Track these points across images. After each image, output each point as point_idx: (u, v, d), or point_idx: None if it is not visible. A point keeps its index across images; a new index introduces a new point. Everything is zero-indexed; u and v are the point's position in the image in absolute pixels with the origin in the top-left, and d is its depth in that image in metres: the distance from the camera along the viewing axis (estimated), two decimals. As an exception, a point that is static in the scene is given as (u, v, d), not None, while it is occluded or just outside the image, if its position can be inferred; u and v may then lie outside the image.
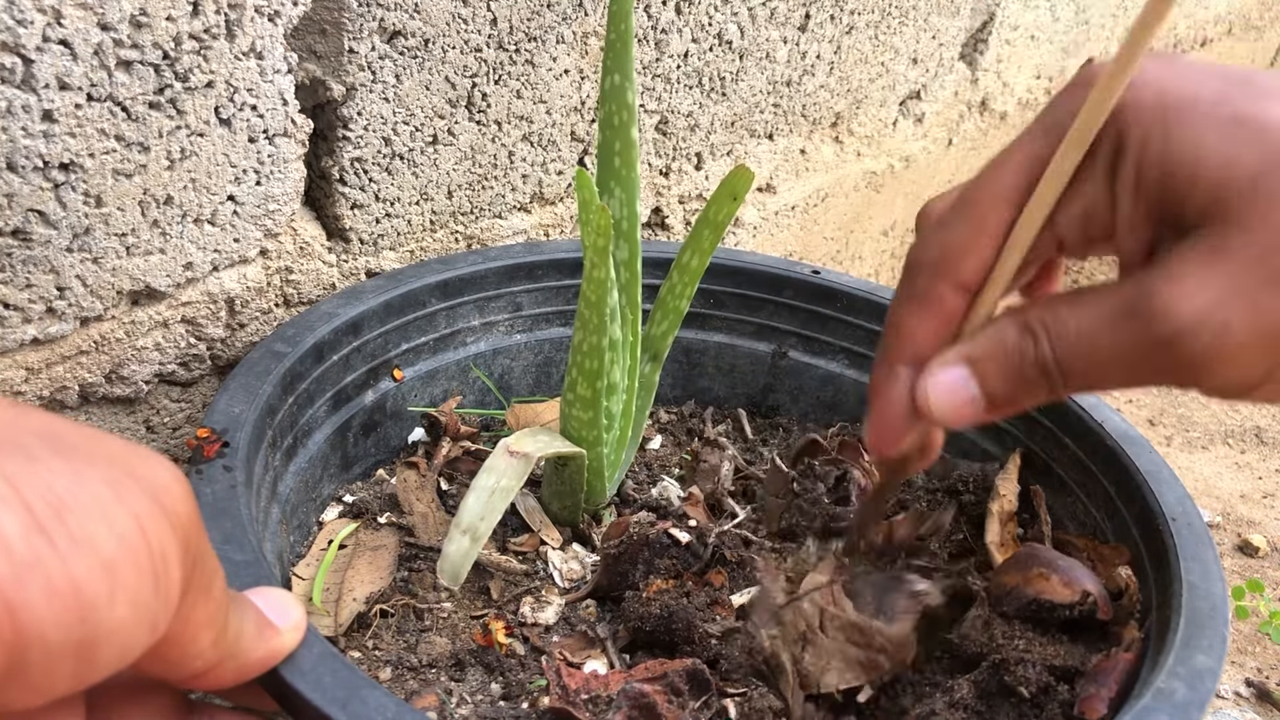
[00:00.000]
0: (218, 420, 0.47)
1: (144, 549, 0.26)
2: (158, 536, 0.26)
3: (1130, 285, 0.31)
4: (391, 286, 0.59)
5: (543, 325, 0.68)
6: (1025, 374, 0.33)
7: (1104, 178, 0.32)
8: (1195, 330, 0.29)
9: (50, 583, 0.23)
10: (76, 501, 0.24)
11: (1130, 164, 0.31)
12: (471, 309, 0.64)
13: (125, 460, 0.27)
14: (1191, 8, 1.59)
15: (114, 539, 0.25)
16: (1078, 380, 0.33)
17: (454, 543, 0.49)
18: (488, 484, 0.49)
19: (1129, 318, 0.31)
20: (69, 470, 0.25)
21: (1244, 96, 0.30)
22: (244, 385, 0.49)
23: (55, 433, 0.26)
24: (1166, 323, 0.30)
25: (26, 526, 0.23)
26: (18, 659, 0.23)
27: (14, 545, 0.23)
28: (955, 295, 0.35)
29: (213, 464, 0.44)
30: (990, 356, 0.34)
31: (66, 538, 0.24)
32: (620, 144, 0.54)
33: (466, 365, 0.65)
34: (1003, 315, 0.34)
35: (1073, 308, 0.32)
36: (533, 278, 0.66)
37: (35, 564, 0.23)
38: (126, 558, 0.25)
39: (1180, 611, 0.45)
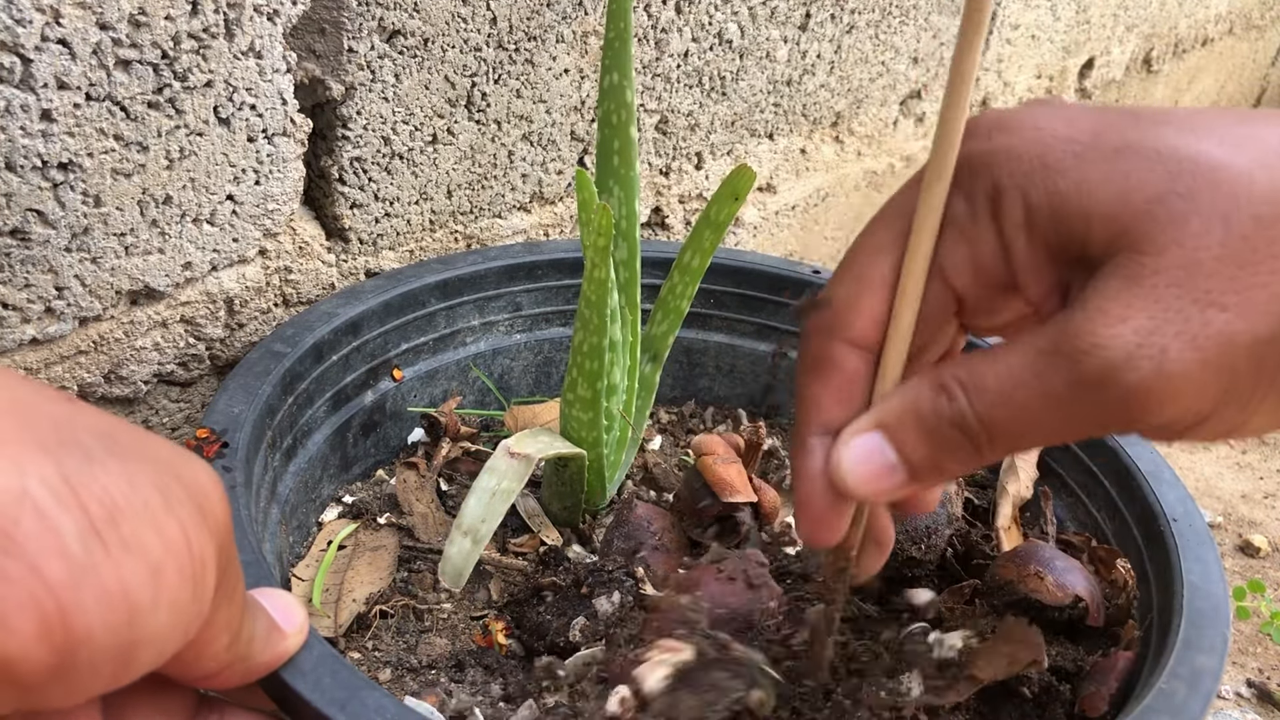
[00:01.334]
0: (217, 420, 0.47)
1: (187, 556, 0.26)
2: (199, 544, 0.27)
3: (1050, 327, 0.29)
4: (391, 286, 0.59)
5: (542, 325, 0.68)
6: (945, 435, 0.31)
7: (989, 223, 0.31)
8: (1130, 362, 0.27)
9: (103, 586, 0.24)
10: (130, 506, 0.25)
11: (1016, 208, 0.30)
12: (471, 309, 0.64)
13: (173, 464, 0.27)
14: (1192, 7, 1.59)
15: (161, 544, 0.25)
16: (1005, 437, 0.30)
17: (455, 544, 0.49)
18: (489, 485, 0.49)
19: (1054, 360, 0.28)
20: (124, 473, 0.25)
21: (1126, 126, 0.29)
22: (243, 385, 0.49)
23: (110, 432, 0.26)
24: (1096, 357, 0.28)
25: (82, 529, 0.24)
26: (67, 661, 0.24)
27: (70, 548, 0.23)
28: (852, 356, 0.33)
29: (212, 464, 0.44)
30: (904, 419, 0.31)
31: (119, 542, 0.24)
32: (619, 143, 0.54)
33: (466, 365, 0.65)
34: (915, 376, 0.32)
35: (990, 360, 0.30)
36: (532, 277, 0.65)
37: (89, 568, 0.24)
38: (171, 563, 0.25)
39: (1181, 612, 0.44)
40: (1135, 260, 0.28)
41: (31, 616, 0.23)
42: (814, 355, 0.33)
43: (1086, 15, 1.32)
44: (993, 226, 0.31)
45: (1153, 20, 1.50)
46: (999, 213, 0.30)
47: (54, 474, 0.24)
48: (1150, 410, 0.28)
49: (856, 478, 0.32)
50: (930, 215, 0.31)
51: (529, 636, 0.49)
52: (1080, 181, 0.29)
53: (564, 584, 0.50)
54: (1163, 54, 1.60)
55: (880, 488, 0.32)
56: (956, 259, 0.31)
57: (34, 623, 0.23)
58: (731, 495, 0.53)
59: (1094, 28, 1.36)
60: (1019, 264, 0.31)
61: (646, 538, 0.54)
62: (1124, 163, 0.28)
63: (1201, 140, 0.28)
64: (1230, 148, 0.28)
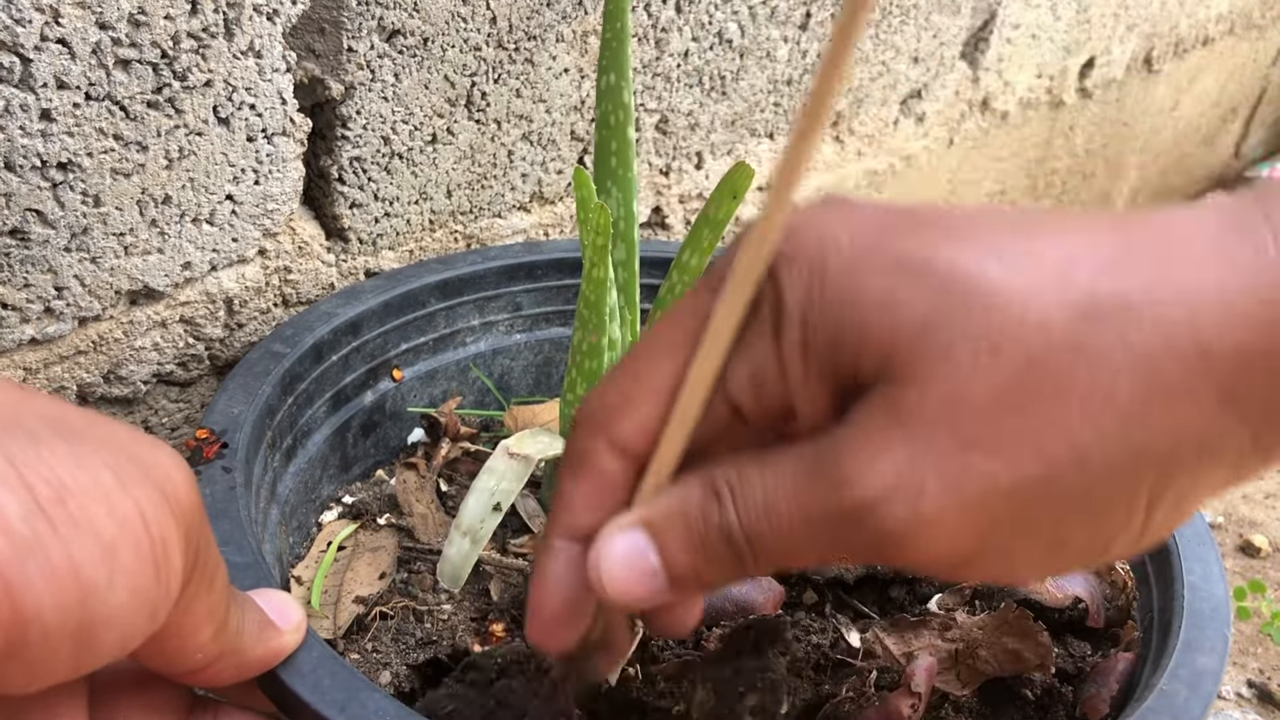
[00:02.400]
0: (216, 421, 0.47)
1: (144, 535, 0.26)
2: (159, 524, 0.26)
3: (813, 447, 0.27)
4: (390, 286, 0.59)
5: (542, 325, 0.68)
6: (711, 545, 0.28)
7: (770, 339, 0.28)
8: (887, 499, 0.25)
9: (50, 564, 0.24)
10: (78, 485, 0.25)
11: (794, 323, 0.27)
12: (471, 309, 0.64)
13: (129, 446, 0.27)
14: (1193, 7, 1.59)
15: (115, 523, 0.25)
16: (767, 556, 0.28)
17: (454, 545, 0.49)
18: (488, 486, 0.49)
19: (813, 484, 0.26)
20: (72, 454, 0.25)
21: (905, 233, 0.26)
22: (243, 386, 0.49)
23: (60, 416, 0.26)
24: (854, 490, 0.25)
25: (27, 508, 0.23)
26: (16, 639, 0.23)
27: (14, 526, 0.23)
28: (614, 459, 0.30)
29: (211, 465, 0.44)
30: (672, 521, 0.28)
31: (67, 520, 0.24)
32: (617, 143, 0.54)
33: (466, 365, 0.65)
34: (689, 473, 0.29)
35: (761, 469, 0.27)
36: (532, 277, 0.65)
37: (35, 545, 0.23)
38: (127, 542, 0.25)
39: (1182, 613, 0.44)
40: (898, 391, 0.25)
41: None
42: (576, 451, 0.30)
43: (1087, 15, 1.32)
44: (773, 345, 0.28)
45: (1153, 20, 1.50)
46: (779, 331, 0.28)
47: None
48: (905, 550, 0.26)
49: (615, 581, 0.29)
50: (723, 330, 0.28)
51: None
52: (854, 297, 0.26)
53: None
54: (1163, 54, 1.60)
55: (638, 593, 0.29)
56: (738, 375, 0.29)
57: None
58: None
59: (1094, 27, 1.36)
60: (794, 386, 0.28)
61: None
62: (896, 277, 0.26)
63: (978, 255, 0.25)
64: (1007, 266, 0.25)
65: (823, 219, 0.27)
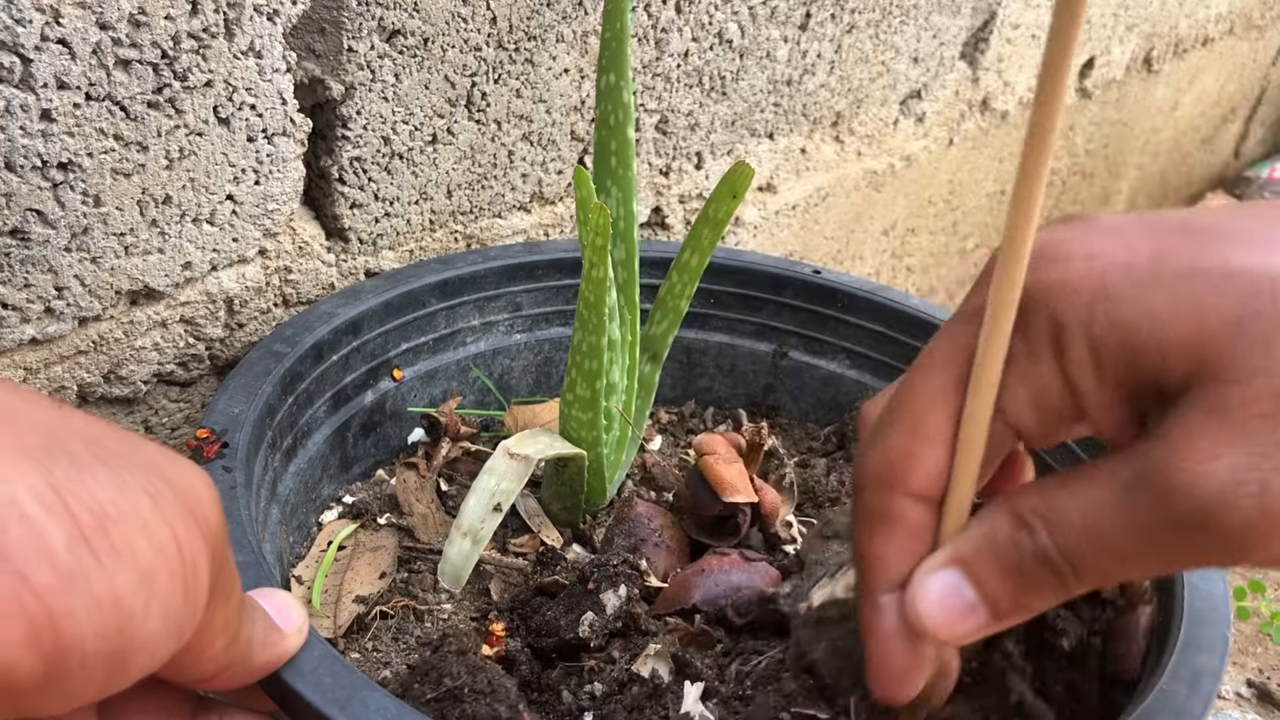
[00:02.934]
0: (217, 420, 0.47)
1: (178, 560, 0.26)
2: (190, 547, 0.26)
3: (1132, 460, 0.28)
4: (391, 286, 0.59)
5: (543, 325, 0.68)
6: (1027, 571, 0.29)
7: (1051, 361, 0.29)
8: (1227, 501, 0.26)
9: (92, 594, 0.24)
10: (119, 512, 0.25)
11: (1080, 344, 0.29)
12: (471, 309, 0.64)
13: (162, 468, 0.27)
14: (1192, 7, 1.59)
15: (152, 550, 0.25)
16: (1093, 572, 0.29)
17: (455, 545, 0.49)
18: (488, 486, 0.49)
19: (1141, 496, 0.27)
20: (113, 480, 0.25)
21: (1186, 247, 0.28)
22: (243, 385, 0.49)
23: (98, 437, 0.26)
24: (1190, 496, 0.26)
25: (72, 537, 0.24)
26: (58, 668, 0.24)
27: (59, 556, 0.23)
28: (915, 508, 0.31)
29: (212, 464, 0.44)
30: (983, 555, 0.30)
31: (109, 549, 0.24)
32: (616, 143, 0.54)
33: (466, 365, 0.65)
34: (989, 508, 0.30)
35: (1069, 492, 0.29)
36: (533, 277, 0.65)
37: (79, 575, 0.24)
38: (162, 569, 0.25)
39: (1181, 612, 0.44)
40: (1220, 391, 0.26)
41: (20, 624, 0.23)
42: (873, 510, 0.32)
43: (1087, 15, 1.32)
44: (1055, 365, 0.29)
45: (1153, 20, 1.50)
46: (1061, 351, 0.29)
47: (41, 482, 0.24)
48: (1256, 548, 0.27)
49: (936, 619, 0.30)
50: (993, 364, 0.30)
51: (535, 636, 0.49)
52: (1147, 311, 0.27)
53: (568, 581, 0.50)
54: (1163, 54, 1.60)
55: (961, 629, 0.30)
56: (1018, 400, 0.30)
57: (23, 630, 0.23)
58: (733, 495, 0.53)
59: (1094, 27, 1.36)
60: (1088, 400, 0.29)
61: (647, 535, 0.54)
62: (1193, 287, 0.27)
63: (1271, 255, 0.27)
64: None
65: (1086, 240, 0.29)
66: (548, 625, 0.49)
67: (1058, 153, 1.49)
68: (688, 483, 0.56)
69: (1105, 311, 0.28)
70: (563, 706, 0.46)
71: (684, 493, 0.56)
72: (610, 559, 0.50)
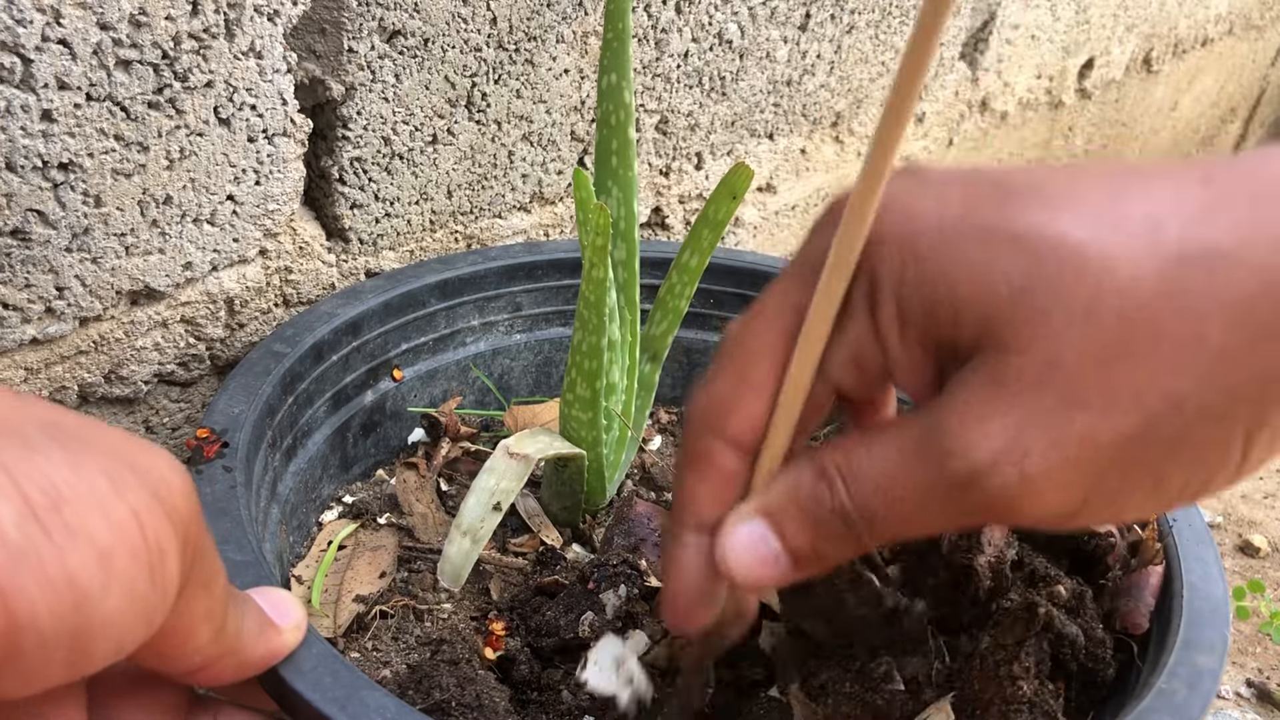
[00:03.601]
0: (217, 420, 0.47)
1: (140, 541, 0.26)
2: (154, 530, 0.26)
3: (919, 421, 0.28)
4: (390, 286, 0.59)
5: (542, 325, 0.68)
6: (826, 524, 0.30)
7: (865, 317, 0.29)
8: (994, 466, 0.27)
9: (44, 571, 0.24)
10: (74, 492, 0.25)
11: (889, 298, 0.28)
12: (471, 309, 0.64)
13: (125, 452, 0.27)
14: (1192, 7, 1.59)
15: (109, 530, 0.25)
16: (883, 527, 0.29)
17: (454, 544, 0.49)
18: (488, 485, 0.49)
19: (922, 457, 0.28)
20: (68, 461, 0.25)
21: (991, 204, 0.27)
22: (243, 385, 0.49)
23: (56, 422, 0.26)
24: (962, 461, 0.27)
25: (22, 515, 0.24)
26: (11, 645, 0.23)
27: (9, 534, 0.23)
28: (730, 454, 0.32)
29: (212, 464, 0.44)
30: (787, 508, 0.31)
31: (62, 528, 0.24)
32: (618, 143, 0.54)
33: (466, 365, 0.65)
34: (797, 460, 0.31)
35: (868, 449, 0.29)
36: (532, 278, 0.66)
37: (30, 552, 0.23)
38: (122, 549, 0.25)
39: (1181, 612, 0.45)
40: (999, 358, 0.27)
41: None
42: (692, 450, 0.33)
43: (1086, 15, 1.32)
44: (869, 322, 0.29)
45: (1152, 20, 1.50)
46: (874, 308, 0.29)
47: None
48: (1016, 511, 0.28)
49: (741, 567, 0.31)
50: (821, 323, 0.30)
51: (535, 636, 0.49)
52: (945, 271, 0.27)
53: (568, 581, 0.50)
54: (1162, 54, 1.60)
55: (764, 575, 0.31)
56: (839, 358, 0.30)
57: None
58: None
59: (1094, 28, 1.36)
60: (894, 359, 0.29)
61: (647, 535, 0.54)
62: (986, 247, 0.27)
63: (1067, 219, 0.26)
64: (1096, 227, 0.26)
65: (907, 193, 0.28)
66: (548, 625, 0.49)
67: (1056, 153, 1.49)
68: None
69: (912, 268, 0.28)
70: (562, 706, 0.46)
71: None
72: (610, 559, 0.50)
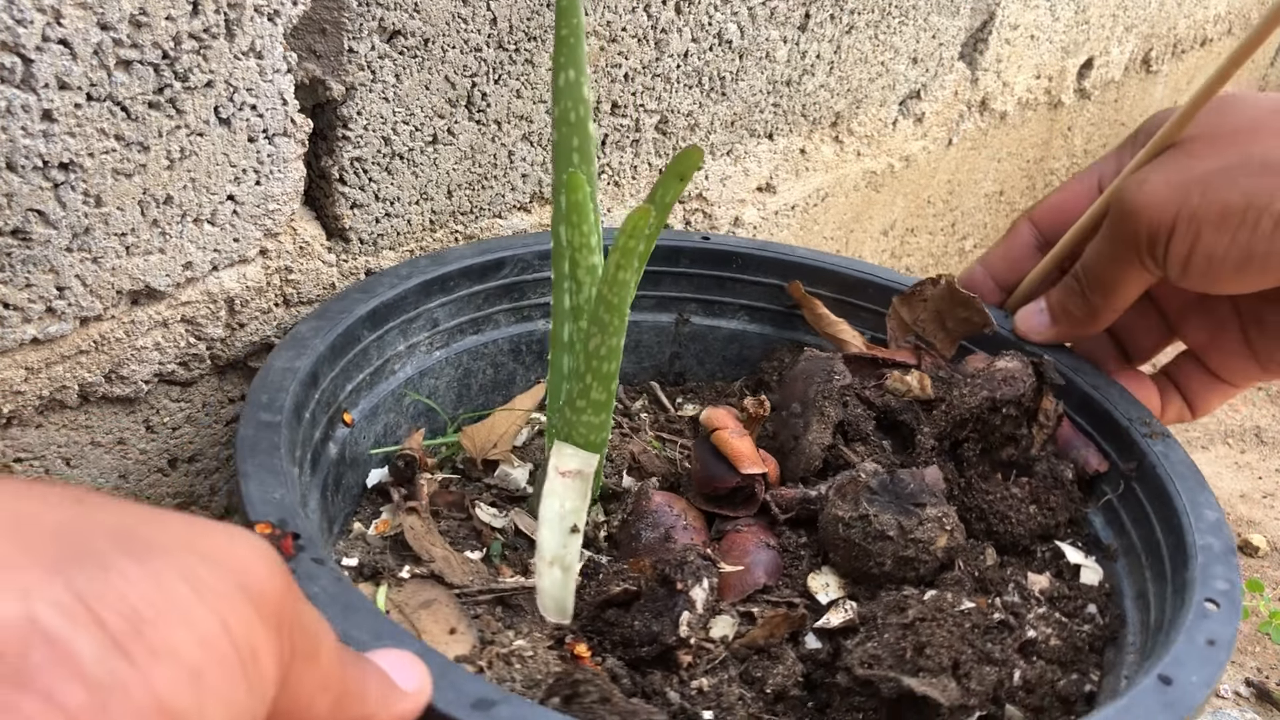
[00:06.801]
0: (266, 512, 0.42)
1: (230, 649, 0.24)
2: (244, 630, 0.25)
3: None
4: (330, 327, 0.55)
5: (458, 337, 0.65)
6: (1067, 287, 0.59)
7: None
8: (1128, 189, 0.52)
9: (132, 703, 0.22)
10: (154, 610, 0.23)
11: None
12: (397, 334, 0.60)
13: (202, 546, 0.25)
14: (1191, 8, 1.59)
15: (197, 644, 0.23)
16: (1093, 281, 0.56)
17: (546, 577, 0.46)
18: (556, 510, 0.47)
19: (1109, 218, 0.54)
20: (145, 575, 0.23)
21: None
22: (264, 466, 0.45)
23: (126, 529, 0.25)
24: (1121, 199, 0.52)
25: (103, 647, 0.22)
26: None
27: (90, 671, 0.21)
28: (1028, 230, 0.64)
29: (298, 559, 0.40)
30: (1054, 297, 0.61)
31: (146, 652, 0.22)
32: (578, 139, 0.53)
33: (401, 394, 0.62)
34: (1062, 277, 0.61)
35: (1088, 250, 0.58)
36: (445, 290, 0.63)
37: (115, 687, 0.22)
38: (212, 661, 0.24)
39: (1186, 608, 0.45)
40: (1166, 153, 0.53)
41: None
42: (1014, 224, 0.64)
43: (1085, 15, 1.32)
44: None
45: (1151, 21, 1.50)
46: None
47: (63, 593, 0.22)
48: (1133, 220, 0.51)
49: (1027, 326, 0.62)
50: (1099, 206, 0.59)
51: (626, 648, 0.48)
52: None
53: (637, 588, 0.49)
54: (1162, 54, 1.60)
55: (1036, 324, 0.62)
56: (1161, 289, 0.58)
57: None
58: (750, 467, 0.56)
59: (1093, 28, 1.36)
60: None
61: (673, 521, 0.54)
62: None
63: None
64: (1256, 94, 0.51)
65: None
66: (641, 635, 0.47)
67: (1056, 153, 1.49)
68: (698, 457, 0.57)
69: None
70: (673, 708, 0.45)
71: (695, 467, 0.57)
72: (687, 554, 0.49)
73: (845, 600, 0.52)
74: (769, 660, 0.49)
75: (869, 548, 0.51)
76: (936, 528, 0.51)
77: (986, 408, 0.58)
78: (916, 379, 0.63)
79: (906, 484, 0.52)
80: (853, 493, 0.53)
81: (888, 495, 0.52)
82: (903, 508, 0.52)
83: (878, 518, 0.51)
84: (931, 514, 0.51)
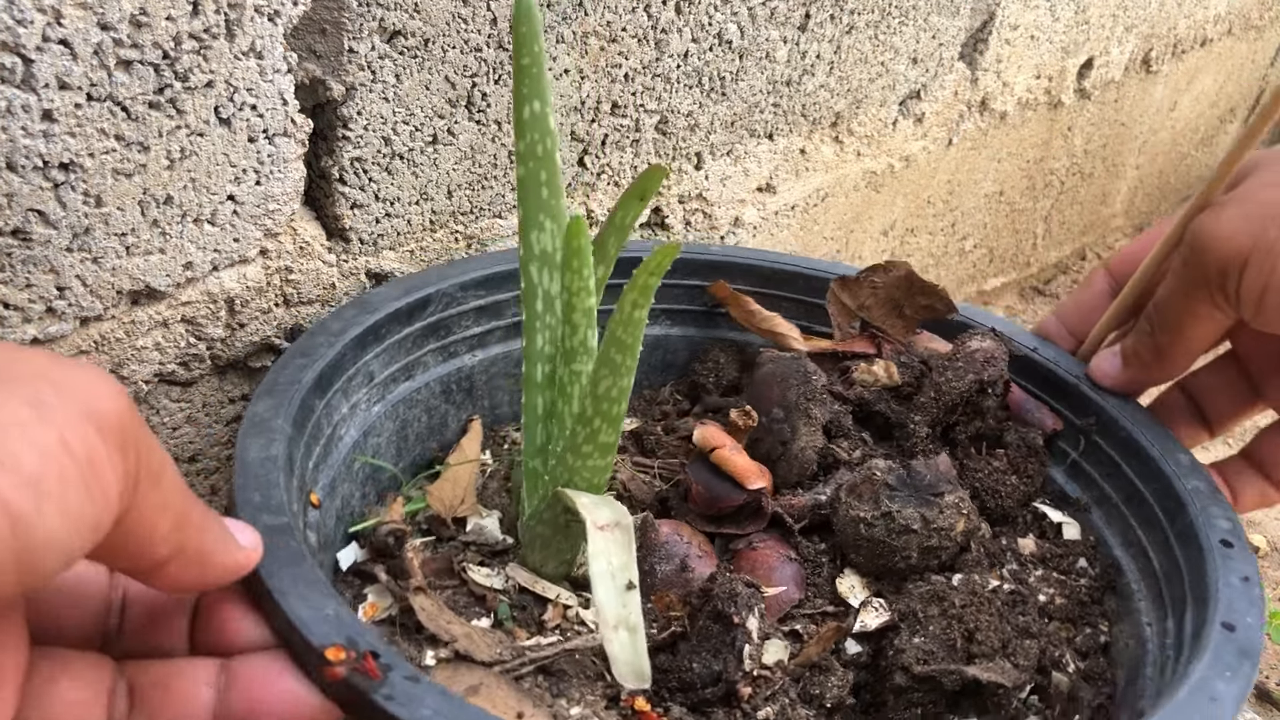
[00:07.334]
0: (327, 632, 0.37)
1: (69, 460, 0.27)
2: (82, 446, 0.28)
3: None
4: (284, 403, 0.50)
5: (392, 387, 0.61)
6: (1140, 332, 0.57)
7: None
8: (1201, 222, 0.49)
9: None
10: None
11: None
12: (340, 397, 0.56)
13: (48, 374, 0.28)
14: (1191, 8, 1.59)
15: (36, 455, 0.27)
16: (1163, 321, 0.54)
17: (615, 643, 0.44)
18: (606, 569, 0.45)
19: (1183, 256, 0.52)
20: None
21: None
22: (300, 579, 0.40)
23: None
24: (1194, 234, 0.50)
25: None
26: None
27: None
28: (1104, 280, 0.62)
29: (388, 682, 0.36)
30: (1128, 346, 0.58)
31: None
32: (546, 173, 0.50)
33: (351, 459, 0.57)
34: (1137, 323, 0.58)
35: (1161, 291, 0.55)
36: (378, 339, 0.59)
37: None
38: (50, 471, 0.27)
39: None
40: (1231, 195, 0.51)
41: None
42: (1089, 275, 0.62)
43: (1085, 15, 1.32)
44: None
45: (1151, 21, 1.50)
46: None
47: None
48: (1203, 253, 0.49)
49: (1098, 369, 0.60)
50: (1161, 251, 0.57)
51: (688, 693, 0.47)
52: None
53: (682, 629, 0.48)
54: (1162, 54, 1.60)
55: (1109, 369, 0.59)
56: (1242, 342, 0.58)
57: None
58: (756, 482, 0.56)
59: (1093, 28, 1.36)
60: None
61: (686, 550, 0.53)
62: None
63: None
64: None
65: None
66: (702, 677, 0.46)
67: (1056, 153, 1.49)
68: (697, 478, 0.56)
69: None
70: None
71: (696, 489, 0.56)
72: (733, 586, 0.48)
73: (874, 599, 0.52)
74: (821, 674, 0.49)
75: (894, 543, 0.52)
76: (955, 514, 0.52)
77: (975, 390, 0.59)
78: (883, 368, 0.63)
79: (923, 475, 0.52)
80: (870, 492, 0.53)
81: (907, 489, 0.52)
82: (923, 499, 0.52)
83: (901, 513, 0.51)
84: (950, 500, 0.52)
